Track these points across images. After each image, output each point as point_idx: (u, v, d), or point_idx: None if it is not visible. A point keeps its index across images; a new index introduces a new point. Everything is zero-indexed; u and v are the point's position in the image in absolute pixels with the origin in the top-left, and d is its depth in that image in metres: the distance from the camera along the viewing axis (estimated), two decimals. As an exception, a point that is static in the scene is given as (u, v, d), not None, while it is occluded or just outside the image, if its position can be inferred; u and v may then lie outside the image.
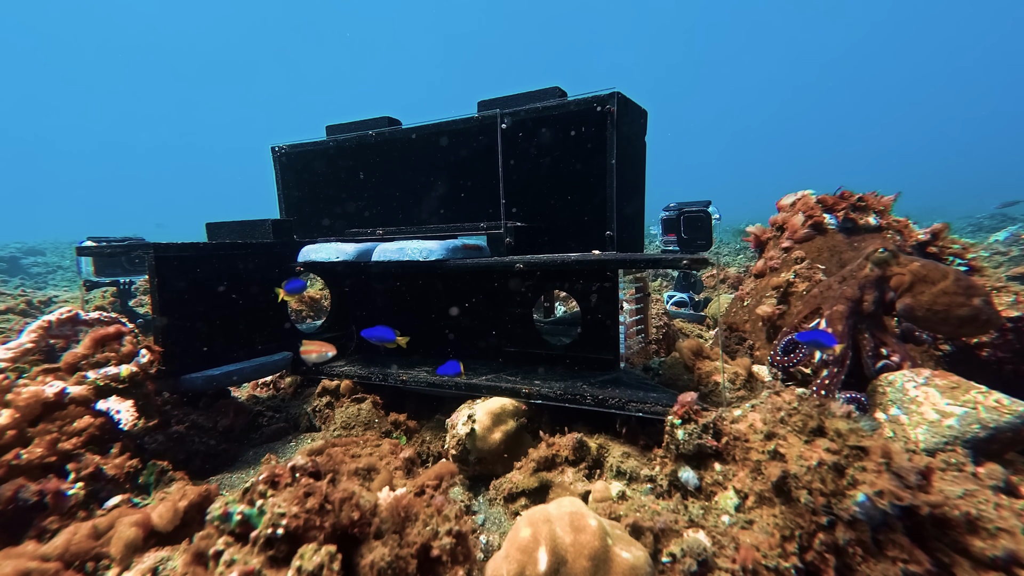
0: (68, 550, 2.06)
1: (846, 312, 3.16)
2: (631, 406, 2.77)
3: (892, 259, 3.22)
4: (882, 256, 3.22)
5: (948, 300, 2.98)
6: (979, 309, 2.93)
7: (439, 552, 1.67)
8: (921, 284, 3.07)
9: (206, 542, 1.70)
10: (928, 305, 3.02)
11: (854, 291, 3.22)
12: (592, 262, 3.02)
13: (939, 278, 3.03)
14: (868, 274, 3.25)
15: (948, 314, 2.99)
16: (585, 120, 3.31)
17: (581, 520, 1.72)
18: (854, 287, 3.24)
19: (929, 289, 3.03)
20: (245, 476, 3.00)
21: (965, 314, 2.96)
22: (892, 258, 3.22)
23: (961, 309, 2.96)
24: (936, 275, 3.05)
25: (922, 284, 3.06)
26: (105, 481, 2.57)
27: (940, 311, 3.00)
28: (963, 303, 2.95)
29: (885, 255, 3.22)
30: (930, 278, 3.05)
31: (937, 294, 3.00)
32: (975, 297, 2.95)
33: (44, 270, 16.63)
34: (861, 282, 3.25)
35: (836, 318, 3.15)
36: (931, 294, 3.01)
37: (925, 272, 3.09)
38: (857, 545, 1.79)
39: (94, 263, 6.46)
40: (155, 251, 3.14)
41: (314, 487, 1.66)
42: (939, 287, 3.01)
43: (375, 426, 3.29)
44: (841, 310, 3.17)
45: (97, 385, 2.79)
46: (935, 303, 3.00)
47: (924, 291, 3.05)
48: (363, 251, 3.48)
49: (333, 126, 4.31)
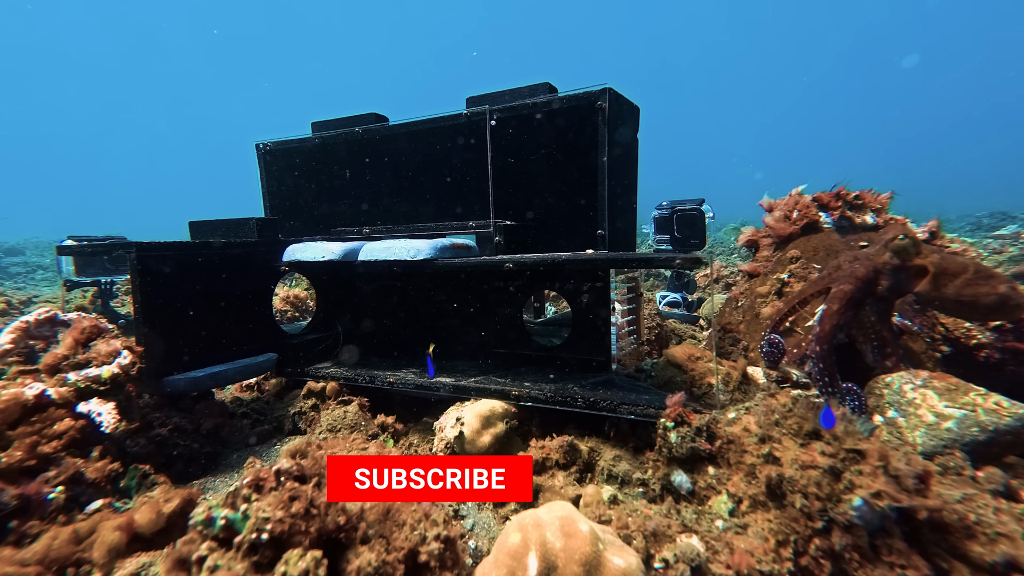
0: (48, 555, 2.04)
1: (851, 293, 3.10)
2: (623, 408, 2.73)
3: (912, 248, 3.13)
4: (902, 244, 3.13)
5: (974, 290, 2.98)
6: (1007, 295, 2.91)
7: (427, 558, 1.64)
8: (943, 276, 3.04)
9: (189, 547, 1.66)
10: (954, 296, 3.00)
11: (867, 271, 3.16)
12: (583, 261, 2.98)
13: (960, 270, 3.01)
14: (887, 261, 3.19)
15: (976, 303, 2.99)
16: (576, 116, 3.27)
17: (572, 525, 1.70)
18: (868, 268, 3.18)
19: (952, 281, 3.01)
20: (229, 480, 2.95)
21: (992, 302, 2.96)
22: (912, 247, 3.13)
23: (988, 297, 2.96)
24: (956, 267, 3.03)
25: (944, 276, 3.04)
26: (86, 485, 2.53)
27: (967, 301, 3.00)
28: (989, 291, 2.96)
29: (905, 242, 3.13)
30: (951, 270, 3.03)
31: (961, 285, 2.99)
32: (1000, 284, 2.94)
33: (24, 270, 16.49)
34: (878, 266, 3.18)
35: (838, 297, 3.10)
36: (955, 285, 3.00)
37: (945, 264, 3.06)
38: (853, 550, 1.78)
39: (75, 262, 6.41)
40: (137, 250, 3.07)
41: (299, 491, 1.64)
42: (961, 278, 2.99)
43: (362, 429, 3.24)
44: (847, 290, 3.10)
45: (78, 387, 2.75)
46: (961, 294, 2.98)
47: (947, 283, 3.03)
48: (350, 250, 3.43)
49: (319, 123, 4.26)
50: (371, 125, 3.99)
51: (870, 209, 4.72)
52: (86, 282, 6.78)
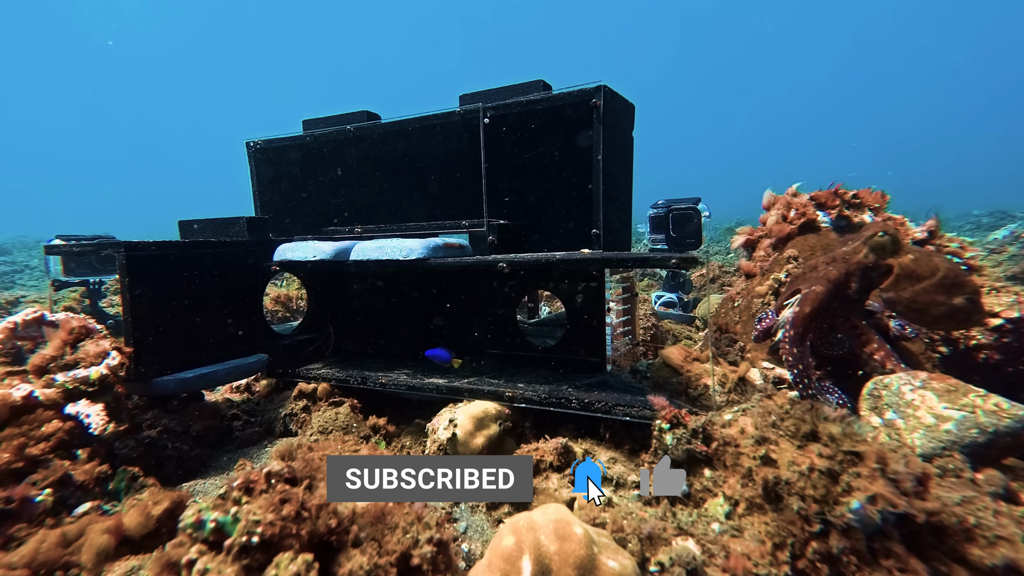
0: (36, 558, 2.03)
1: (823, 295, 3.10)
2: (618, 410, 2.71)
3: (891, 245, 3.13)
4: (880, 241, 3.13)
5: (928, 298, 3.00)
6: (958, 308, 2.92)
7: (419, 561, 1.63)
8: (905, 280, 3.05)
9: (178, 551, 1.65)
10: (908, 301, 3.02)
11: (839, 274, 3.16)
12: (577, 261, 2.96)
13: (927, 274, 3.01)
14: (862, 260, 3.18)
15: (926, 311, 3.01)
16: (571, 114, 3.25)
17: (566, 528, 1.68)
18: (841, 270, 3.18)
19: (911, 286, 3.03)
20: (219, 482, 2.91)
21: (942, 312, 2.98)
22: (891, 244, 3.13)
23: (939, 308, 2.98)
24: (924, 271, 3.02)
25: (906, 280, 3.05)
26: (74, 487, 2.51)
27: (919, 308, 3.02)
28: (942, 301, 2.97)
29: (884, 240, 3.12)
30: (917, 274, 3.03)
31: (918, 291, 3.01)
32: (957, 296, 2.94)
33: (10, 269, 16.28)
34: (851, 267, 3.18)
35: (810, 300, 3.10)
36: (912, 291, 3.01)
37: (914, 267, 3.06)
38: (851, 554, 1.76)
39: (63, 262, 6.35)
40: (126, 249, 3.04)
41: (290, 493, 1.62)
42: (922, 284, 3.00)
43: (353, 431, 3.22)
44: (819, 291, 3.11)
45: (66, 388, 2.72)
46: (915, 300, 3.00)
47: (906, 287, 3.04)
48: (341, 250, 3.40)
49: (310, 120, 4.23)
50: (363, 123, 3.96)
51: (868, 208, 4.70)
52: (74, 282, 6.71)
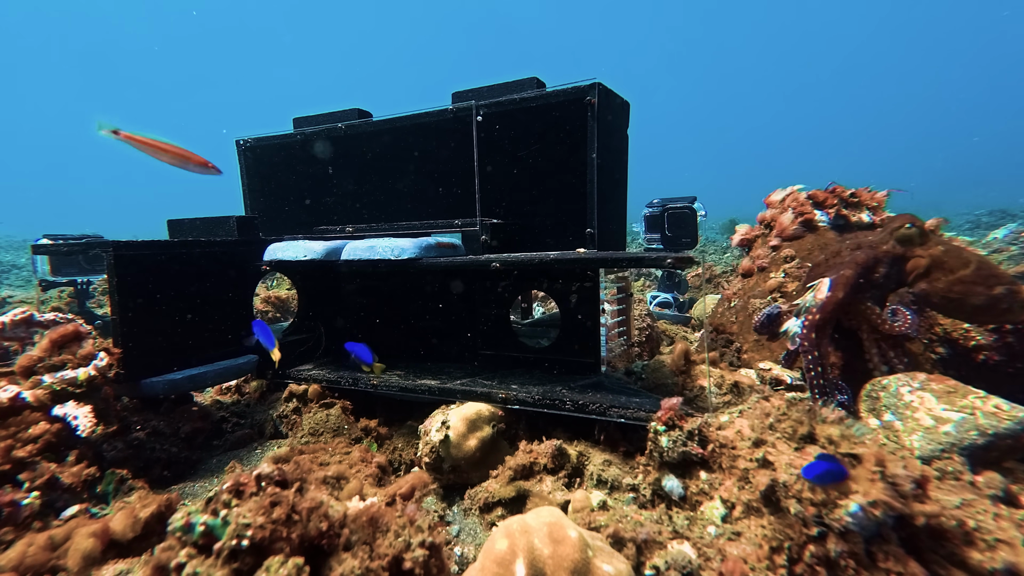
0: (23, 562, 2.01)
1: (852, 279, 3.04)
2: (613, 411, 2.68)
3: (918, 237, 3.08)
4: (908, 232, 3.08)
5: (964, 288, 2.93)
6: (997, 298, 2.86)
7: (411, 565, 1.59)
8: (938, 270, 2.99)
9: (167, 554, 1.62)
10: (943, 292, 2.95)
11: (867, 258, 3.10)
12: (572, 261, 2.94)
13: (959, 266, 2.96)
14: (889, 249, 3.13)
15: (964, 301, 2.94)
16: (565, 112, 3.22)
17: (560, 531, 1.65)
18: (869, 255, 3.12)
19: (946, 276, 2.96)
20: (208, 485, 2.89)
21: (981, 302, 2.91)
22: (918, 236, 3.08)
23: (978, 298, 2.91)
24: (956, 263, 2.97)
25: (939, 271, 2.99)
26: (62, 490, 2.49)
27: (956, 298, 2.95)
28: (981, 292, 2.90)
29: (912, 231, 3.08)
30: (949, 265, 2.98)
31: (952, 282, 2.94)
32: (996, 286, 2.88)
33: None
34: (879, 254, 3.13)
35: (841, 284, 3.03)
36: (947, 281, 2.95)
37: (945, 259, 3.00)
38: (849, 557, 1.73)
39: (50, 262, 6.32)
40: (114, 249, 3.00)
41: (281, 496, 1.59)
42: (956, 275, 2.94)
43: (345, 433, 3.18)
44: (848, 275, 3.04)
45: (54, 390, 2.69)
46: (950, 291, 2.93)
47: (940, 278, 2.98)
48: (332, 249, 3.36)
49: (300, 118, 4.19)
50: (354, 121, 3.92)
51: (866, 207, 4.69)
52: (62, 282, 6.67)
